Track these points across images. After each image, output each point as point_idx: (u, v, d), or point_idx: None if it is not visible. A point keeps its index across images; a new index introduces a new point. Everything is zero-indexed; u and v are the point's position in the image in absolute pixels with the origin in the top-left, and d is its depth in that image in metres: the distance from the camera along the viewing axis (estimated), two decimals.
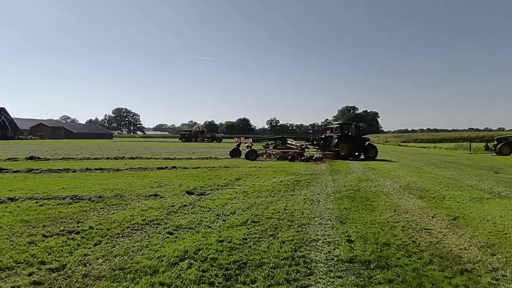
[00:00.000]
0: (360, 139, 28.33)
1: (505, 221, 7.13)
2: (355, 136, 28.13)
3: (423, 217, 7.52)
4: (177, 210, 7.84)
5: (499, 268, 4.66)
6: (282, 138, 29.08)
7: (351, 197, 9.65)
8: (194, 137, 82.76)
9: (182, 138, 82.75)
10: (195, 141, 79.03)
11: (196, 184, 11.78)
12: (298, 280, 4.25)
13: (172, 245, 5.42)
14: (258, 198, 9.32)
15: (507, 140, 34.67)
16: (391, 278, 4.29)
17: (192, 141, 79.75)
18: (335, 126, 29.33)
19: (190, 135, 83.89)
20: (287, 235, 6.03)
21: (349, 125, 29.03)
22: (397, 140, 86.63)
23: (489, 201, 9.28)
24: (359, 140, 28.08)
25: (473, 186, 12.13)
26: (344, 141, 27.16)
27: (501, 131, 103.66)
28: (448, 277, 4.35)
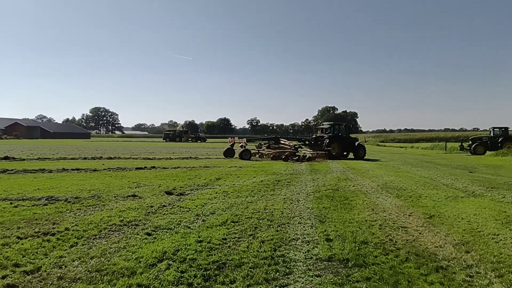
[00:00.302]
0: (350, 139, 28.75)
1: (479, 219, 7.31)
2: (345, 136, 28.53)
3: (400, 215, 7.65)
4: (156, 210, 7.77)
5: (473, 265, 4.78)
6: (275, 138, 29.21)
7: (330, 196, 9.74)
8: (178, 137, 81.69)
9: (166, 138, 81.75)
10: (179, 141, 78.06)
11: (175, 184, 11.70)
12: (277, 279, 4.26)
13: (150, 246, 5.36)
14: (238, 198, 9.31)
15: (481, 140, 35.62)
16: (369, 276, 4.35)
17: (176, 141, 78.80)
18: (326, 127, 29.58)
19: (174, 135, 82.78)
20: (267, 234, 6.04)
21: (339, 126, 29.37)
22: (376, 140, 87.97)
23: (464, 199, 9.51)
24: (349, 140, 28.50)
25: (448, 185, 12.41)
26: (335, 141, 27.49)
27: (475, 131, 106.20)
28: (424, 274, 4.44)
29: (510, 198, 9.68)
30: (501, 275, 4.42)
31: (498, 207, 8.46)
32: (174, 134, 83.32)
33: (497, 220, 7.19)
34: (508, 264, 4.78)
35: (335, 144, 27.37)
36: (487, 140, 35.17)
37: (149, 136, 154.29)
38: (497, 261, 4.90)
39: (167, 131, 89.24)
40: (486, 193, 10.61)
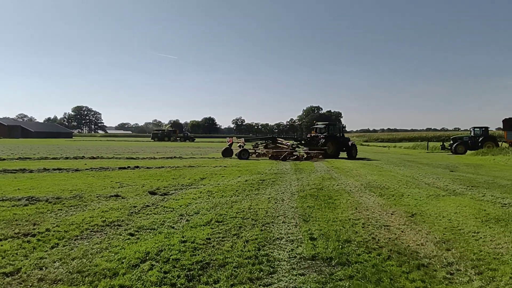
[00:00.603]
0: (344, 139, 29.19)
1: (459, 217, 7.44)
2: (339, 136, 29.03)
3: (383, 214, 7.74)
4: (139, 210, 7.69)
5: (454, 262, 4.86)
6: (272, 138, 29.63)
7: (315, 196, 9.79)
8: (167, 136, 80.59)
9: (155, 138, 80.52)
10: (168, 141, 76.91)
11: (159, 184, 11.60)
12: (261, 278, 4.26)
13: (133, 246, 5.30)
14: (222, 198, 9.29)
15: (462, 139, 36.30)
16: (352, 274, 4.38)
17: (165, 140, 77.67)
18: (321, 126, 29.96)
19: (163, 135, 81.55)
20: (251, 234, 6.04)
21: (334, 126, 29.91)
22: (360, 140, 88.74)
23: (445, 198, 9.66)
24: (342, 140, 28.94)
25: (430, 184, 12.59)
26: (330, 140, 27.92)
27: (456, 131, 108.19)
28: (406, 272, 4.50)
29: (490, 196, 9.88)
30: (481, 272, 4.50)
31: (478, 205, 8.62)
32: (163, 134, 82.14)
33: (477, 218, 7.33)
34: (487, 261, 4.88)
35: (330, 143, 27.78)
36: (467, 140, 35.86)
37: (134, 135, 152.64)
38: (477, 258, 4.99)
39: (155, 131, 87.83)
40: (466, 191, 10.80)
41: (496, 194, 10.31)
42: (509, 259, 4.96)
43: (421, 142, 60.10)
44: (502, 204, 8.85)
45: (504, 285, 4.13)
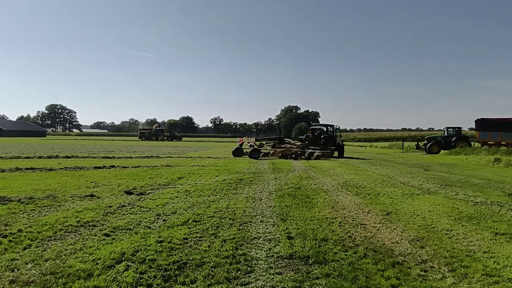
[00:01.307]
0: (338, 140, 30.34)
1: (433, 215, 7.60)
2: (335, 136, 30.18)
3: (359, 212, 7.84)
4: (115, 210, 7.56)
5: (428, 260, 4.95)
6: (279, 138, 31.76)
7: (292, 195, 9.83)
8: (154, 135, 79.32)
9: (142, 137, 79.38)
10: (155, 140, 75.83)
11: (136, 183, 11.44)
12: (238, 278, 4.25)
13: (108, 247, 5.21)
14: (200, 197, 9.22)
15: (436, 139, 37.16)
16: (328, 273, 4.41)
17: (152, 139, 76.54)
18: (319, 127, 31.39)
19: (150, 134, 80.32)
20: (229, 233, 6.02)
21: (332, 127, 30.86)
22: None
23: (419, 197, 9.85)
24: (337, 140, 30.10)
25: (405, 183, 12.83)
26: (331, 141, 29.13)
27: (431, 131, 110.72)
28: (381, 269, 4.56)
29: (463, 195, 10.13)
30: (454, 269, 4.60)
31: (451, 204, 8.83)
32: (150, 133, 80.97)
33: (450, 216, 7.50)
34: (460, 258, 4.99)
35: (330, 143, 28.82)
36: (441, 140, 36.71)
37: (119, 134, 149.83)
38: (450, 255, 5.11)
39: (142, 130, 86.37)
40: (440, 190, 11.05)
41: (469, 192, 10.58)
42: (481, 256, 5.09)
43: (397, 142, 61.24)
44: (474, 202, 9.08)
45: (476, 282, 4.24)
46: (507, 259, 4.97)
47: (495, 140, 31.10)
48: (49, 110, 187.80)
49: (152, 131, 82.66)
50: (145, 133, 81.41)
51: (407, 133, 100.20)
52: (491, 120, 32.02)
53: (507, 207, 8.41)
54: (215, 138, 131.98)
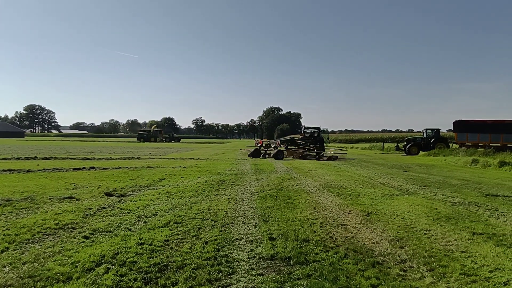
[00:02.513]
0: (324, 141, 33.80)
1: (412, 215, 7.72)
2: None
3: (340, 213, 7.91)
4: (95, 213, 7.45)
5: (407, 259, 5.03)
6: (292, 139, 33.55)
7: (274, 196, 9.85)
8: (153, 137, 79.14)
9: (141, 138, 78.66)
10: (154, 141, 75.68)
11: (116, 185, 11.29)
12: (220, 279, 4.24)
13: (88, 249, 5.13)
14: (181, 199, 9.16)
15: (415, 141, 37.76)
16: (309, 273, 4.44)
17: (151, 141, 76.31)
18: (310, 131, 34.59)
19: (149, 135, 80.00)
20: (210, 235, 6.00)
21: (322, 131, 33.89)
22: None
23: (399, 197, 10.00)
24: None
25: (385, 183, 13.01)
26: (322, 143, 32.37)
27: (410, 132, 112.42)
28: (361, 269, 4.61)
29: (441, 195, 10.32)
30: (432, 269, 4.68)
31: (430, 204, 8.99)
32: (149, 134, 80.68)
33: (429, 216, 7.63)
34: (438, 258, 5.09)
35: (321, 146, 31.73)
36: (420, 141, 37.32)
37: (88, 135, 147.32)
38: (429, 255, 5.20)
39: (141, 131, 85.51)
40: (419, 191, 11.24)
41: (447, 193, 10.79)
42: (459, 256, 5.20)
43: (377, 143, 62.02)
44: (453, 203, 9.26)
45: (454, 281, 4.32)
46: (484, 259, 5.08)
47: (473, 141, 31.74)
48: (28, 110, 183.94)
49: (151, 132, 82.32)
50: (144, 135, 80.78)
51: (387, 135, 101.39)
52: (468, 122, 32.67)
53: (484, 208, 8.60)
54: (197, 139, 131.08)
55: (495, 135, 30.59)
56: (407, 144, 37.53)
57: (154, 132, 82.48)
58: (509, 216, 7.70)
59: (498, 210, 8.27)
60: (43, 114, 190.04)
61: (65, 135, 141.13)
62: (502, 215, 7.78)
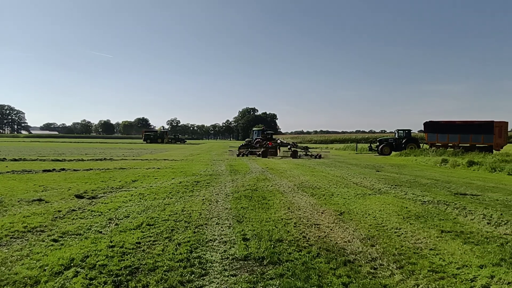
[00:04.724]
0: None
1: (383, 214, 7.87)
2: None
3: (314, 213, 7.98)
4: (64, 215, 7.27)
5: (377, 257, 5.13)
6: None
7: (249, 197, 9.86)
8: (160, 138, 79.26)
9: (147, 139, 78.43)
10: (161, 142, 75.99)
11: (87, 187, 11.05)
12: (192, 281, 4.21)
13: (56, 253, 5.01)
14: (155, 200, 9.05)
15: (387, 141, 38.49)
16: (282, 273, 4.47)
17: (158, 142, 76.59)
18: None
19: (156, 136, 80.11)
20: (184, 236, 5.95)
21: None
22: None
23: (371, 196, 10.18)
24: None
25: (358, 183, 13.21)
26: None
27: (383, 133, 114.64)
28: (333, 268, 4.67)
29: (411, 194, 10.56)
30: (402, 266, 4.78)
31: (401, 203, 9.18)
32: (156, 135, 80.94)
33: (399, 215, 7.80)
34: (408, 255, 5.20)
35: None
36: (392, 142, 38.07)
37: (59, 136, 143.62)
38: (398, 253, 5.30)
39: (147, 132, 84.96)
40: (390, 190, 11.47)
41: (417, 192, 11.05)
42: (427, 253, 5.32)
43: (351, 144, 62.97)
44: (422, 201, 9.49)
45: (423, 278, 4.42)
46: (452, 256, 5.22)
47: (443, 142, 32.58)
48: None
49: (158, 133, 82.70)
50: (151, 135, 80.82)
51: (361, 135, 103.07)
52: (438, 122, 33.51)
53: (453, 206, 8.84)
54: None
55: (464, 136, 31.50)
56: (380, 144, 38.22)
57: (161, 133, 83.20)
58: (476, 214, 7.94)
59: (466, 209, 8.51)
60: (13, 115, 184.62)
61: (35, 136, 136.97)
62: (469, 213, 8.02)
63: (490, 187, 12.50)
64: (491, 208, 8.63)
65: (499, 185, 12.96)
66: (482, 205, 8.95)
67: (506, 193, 11.08)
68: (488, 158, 22.49)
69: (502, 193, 11.07)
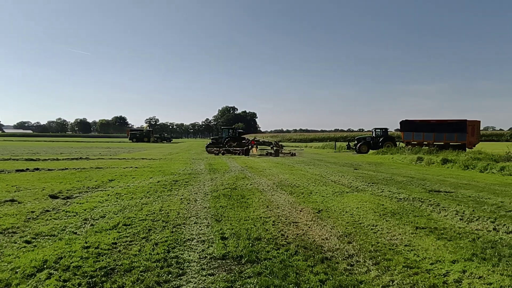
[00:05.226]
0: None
1: (360, 212, 7.97)
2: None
3: (292, 211, 8.02)
4: (38, 216, 7.10)
5: (354, 254, 5.19)
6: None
7: (228, 195, 9.84)
8: (146, 137, 77.69)
9: (133, 138, 76.75)
10: (147, 141, 74.52)
11: (62, 187, 10.81)
12: (169, 281, 4.17)
13: (29, 254, 4.88)
14: (132, 200, 8.93)
15: (365, 140, 38.96)
16: (260, 271, 4.47)
17: (144, 141, 75.02)
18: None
19: (142, 135, 78.37)
20: (161, 236, 5.89)
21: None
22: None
23: (348, 194, 10.29)
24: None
25: (336, 181, 13.34)
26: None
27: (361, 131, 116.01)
28: (311, 265, 4.71)
29: (388, 192, 10.73)
30: (378, 263, 4.86)
31: (377, 200, 9.32)
32: (142, 134, 79.15)
33: (376, 212, 7.92)
34: (383, 252, 5.28)
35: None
36: (370, 140, 38.54)
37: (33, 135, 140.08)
38: (374, 250, 5.38)
39: (133, 131, 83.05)
40: (367, 188, 11.62)
41: (393, 189, 11.23)
42: (402, 250, 5.42)
43: (330, 142, 63.44)
44: (398, 199, 9.66)
45: (398, 274, 4.50)
46: (426, 252, 5.33)
47: (418, 140, 33.16)
48: None
49: (144, 132, 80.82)
50: (136, 134, 79.14)
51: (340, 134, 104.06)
52: (414, 121, 34.08)
53: (427, 203, 9.02)
54: None
55: (439, 134, 32.12)
56: (358, 143, 38.66)
57: (147, 132, 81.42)
58: (449, 210, 8.12)
59: (440, 205, 8.70)
60: None
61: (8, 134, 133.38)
62: (443, 210, 8.20)
63: (463, 184, 12.82)
64: (464, 204, 8.85)
65: (471, 182, 13.29)
66: (455, 202, 9.16)
67: (478, 190, 11.38)
68: (461, 156, 23.01)
69: (474, 190, 11.37)
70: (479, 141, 32.45)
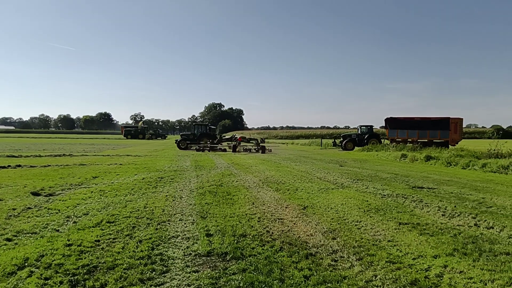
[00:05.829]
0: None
1: (345, 208, 8.04)
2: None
3: (278, 208, 8.04)
4: (19, 213, 6.98)
5: (338, 250, 5.23)
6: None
7: (214, 192, 9.81)
8: (141, 133, 76.08)
9: (128, 135, 75.14)
10: (142, 138, 73.08)
11: (44, 184, 10.64)
12: (153, 279, 4.14)
13: (10, 252, 4.80)
14: (116, 197, 8.84)
15: (350, 137, 39.30)
16: (245, 268, 4.47)
17: (139, 138, 73.59)
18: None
19: (136, 132, 76.75)
20: (145, 233, 5.84)
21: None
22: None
23: (334, 191, 10.36)
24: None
25: (322, 178, 13.42)
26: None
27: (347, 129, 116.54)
28: (295, 261, 4.72)
29: (372, 188, 10.84)
30: (361, 258, 4.90)
31: (362, 197, 9.41)
32: (137, 131, 77.51)
33: (360, 208, 7.99)
34: (367, 247, 5.33)
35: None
36: (355, 137, 38.89)
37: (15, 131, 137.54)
38: (358, 245, 5.43)
39: (128, 128, 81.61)
40: (352, 184, 11.72)
41: (377, 186, 11.35)
42: (385, 245, 5.48)
43: (316, 139, 63.82)
44: (382, 195, 9.76)
45: (381, 269, 4.54)
46: (408, 247, 5.40)
47: (402, 137, 33.56)
48: None
49: (139, 129, 79.30)
50: (131, 131, 77.58)
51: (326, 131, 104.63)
52: (398, 119, 34.47)
53: (411, 199, 9.14)
54: None
55: (422, 132, 32.56)
56: (343, 140, 38.97)
57: (142, 129, 79.98)
58: (432, 206, 8.25)
59: (422, 201, 8.83)
60: None
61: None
62: (426, 206, 8.32)
63: (445, 180, 13.02)
64: (446, 200, 8.99)
65: (453, 179, 13.51)
66: (438, 198, 9.30)
67: (460, 186, 11.57)
68: (444, 153, 23.35)
69: (456, 186, 11.55)
70: (461, 138, 33.03)
